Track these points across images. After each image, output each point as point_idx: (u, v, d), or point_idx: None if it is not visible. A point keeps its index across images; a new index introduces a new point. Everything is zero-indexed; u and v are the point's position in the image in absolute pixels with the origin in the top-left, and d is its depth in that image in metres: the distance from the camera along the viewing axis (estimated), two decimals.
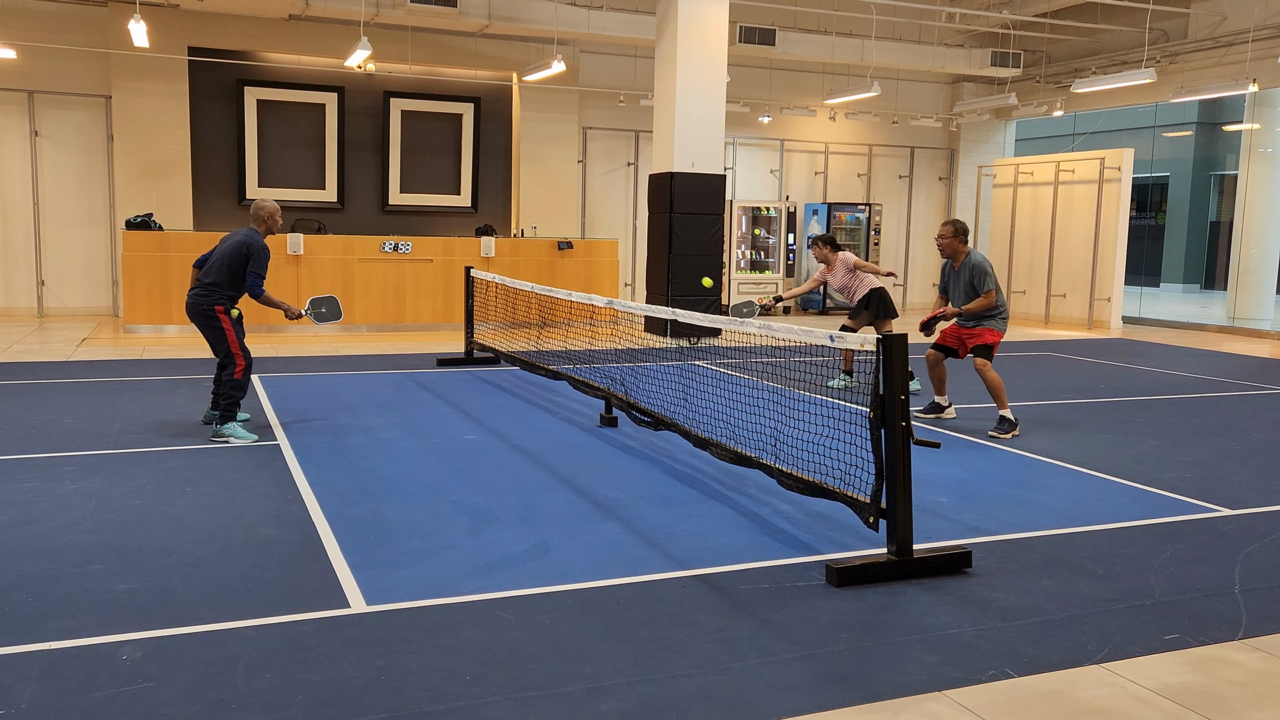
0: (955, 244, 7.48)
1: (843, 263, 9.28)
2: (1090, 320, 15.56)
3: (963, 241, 7.49)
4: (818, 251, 9.39)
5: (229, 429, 6.53)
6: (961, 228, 7.50)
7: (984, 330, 7.42)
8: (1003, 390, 7.33)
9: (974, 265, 7.37)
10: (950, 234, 7.47)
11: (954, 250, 7.50)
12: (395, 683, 3.17)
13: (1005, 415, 7.27)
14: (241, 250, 6.61)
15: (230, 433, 6.51)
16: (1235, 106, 21.98)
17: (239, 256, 6.60)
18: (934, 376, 7.77)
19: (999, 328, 7.44)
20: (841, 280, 9.33)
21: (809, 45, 15.63)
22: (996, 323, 7.44)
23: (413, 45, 14.71)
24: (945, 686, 3.24)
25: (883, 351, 4.13)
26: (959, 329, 7.56)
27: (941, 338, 7.68)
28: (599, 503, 5.26)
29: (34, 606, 3.71)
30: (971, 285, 7.38)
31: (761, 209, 17.03)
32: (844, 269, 9.28)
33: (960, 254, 7.50)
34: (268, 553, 4.36)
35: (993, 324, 7.42)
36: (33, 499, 5.10)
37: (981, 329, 7.43)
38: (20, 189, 13.74)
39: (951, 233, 7.46)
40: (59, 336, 11.76)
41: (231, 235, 6.72)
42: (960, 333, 7.54)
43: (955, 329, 7.59)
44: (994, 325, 7.42)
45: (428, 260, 13.27)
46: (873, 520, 4.29)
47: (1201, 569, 4.40)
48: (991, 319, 7.42)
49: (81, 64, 13.70)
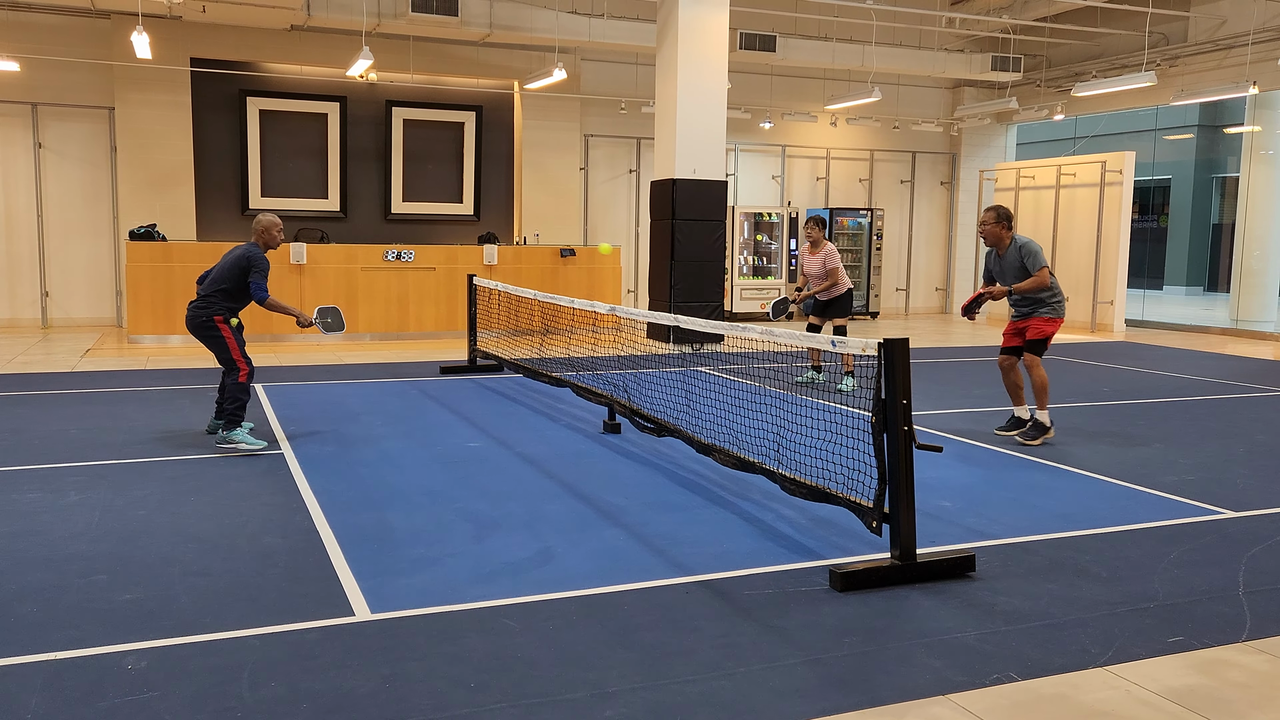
0: (998, 230, 7.10)
1: (829, 252, 9.39)
2: (1093, 323, 15.55)
3: (1006, 227, 7.11)
4: (812, 231, 9.42)
5: (236, 435, 6.55)
6: (1004, 213, 7.12)
7: (1036, 320, 7.09)
8: (1046, 391, 7.07)
9: (1022, 245, 7.03)
10: (993, 219, 7.11)
11: (998, 236, 7.13)
12: (399, 690, 3.17)
13: (1041, 420, 7.05)
14: (241, 263, 6.64)
15: (238, 439, 6.53)
16: (1236, 109, 21.97)
17: (238, 269, 6.64)
18: (1007, 384, 7.37)
19: (1052, 314, 7.08)
20: (818, 268, 9.42)
21: (809, 51, 15.66)
22: (1048, 309, 7.07)
23: (414, 54, 14.76)
24: (949, 690, 3.23)
25: (885, 355, 4.14)
26: (1014, 324, 7.24)
27: (1006, 339, 7.35)
28: (602, 509, 5.27)
29: (39, 617, 3.72)
30: (1022, 266, 7.00)
31: (763, 215, 17.05)
32: (827, 258, 9.38)
33: (1005, 239, 7.13)
34: (272, 561, 4.37)
35: (1045, 311, 7.07)
36: (37, 509, 5.11)
37: (1034, 319, 7.09)
38: (24, 200, 13.79)
39: (994, 218, 7.11)
40: (63, 347, 11.79)
41: (233, 250, 6.77)
42: (1016, 326, 7.23)
43: (1012, 325, 7.27)
44: (1046, 312, 7.07)
45: (430, 269, 13.30)
46: (876, 525, 4.29)
47: (1205, 571, 4.40)
48: (1043, 304, 7.06)
49: (85, 76, 13.76)
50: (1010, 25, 16.45)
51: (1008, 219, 7.16)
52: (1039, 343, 7.13)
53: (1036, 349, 7.13)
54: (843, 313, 9.53)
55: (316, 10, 13.01)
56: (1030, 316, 7.15)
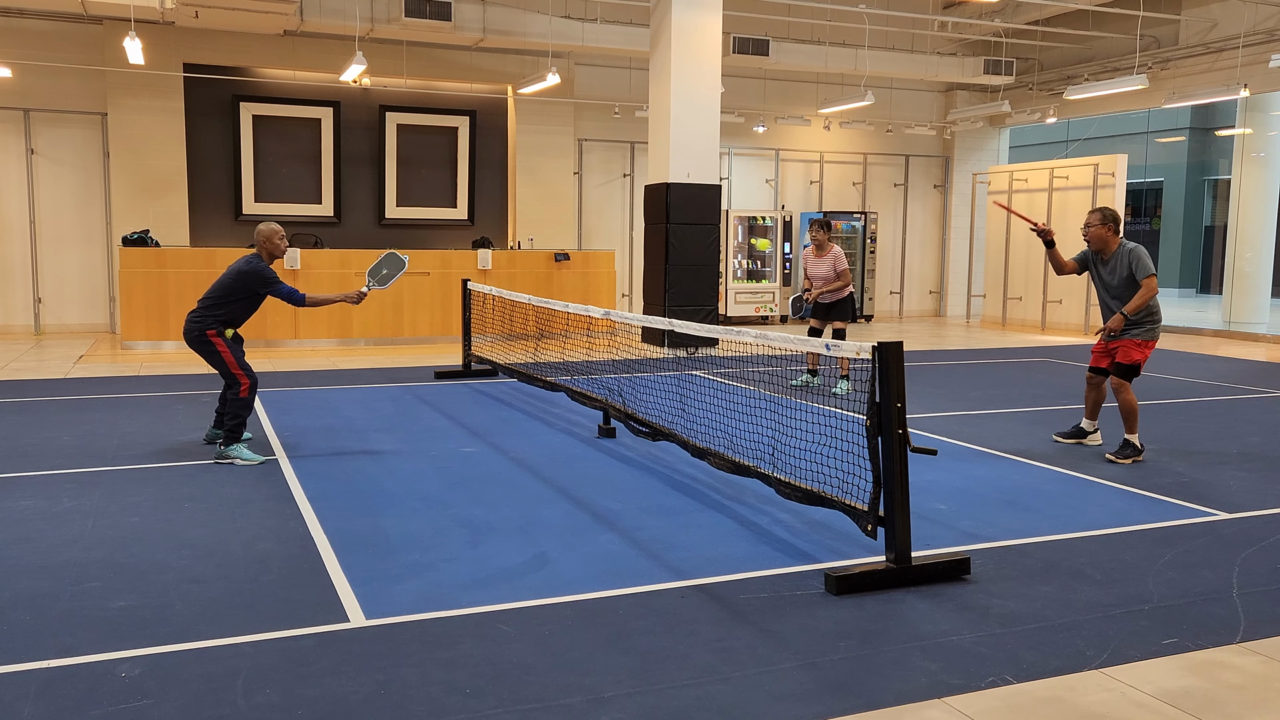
0: (1104, 232, 6.66)
1: (838, 254, 9.38)
2: (1087, 325, 15.58)
3: (1113, 231, 6.64)
4: (818, 234, 9.38)
5: (234, 450, 6.38)
6: (1110, 214, 6.64)
7: (1128, 343, 6.65)
8: (1135, 416, 6.65)
9: (1132, 250, 6.56)
10: (1098, 221, 6.65)
11: (1104, 241, 6.67)
12: (394, 697, 3.17)
13: (1130, 440, 6.65)
14: (243, 279, 6.47)
15: (235, 454, 6.37)
16: (1228, 111, 22.06)
17: (238, 283, 6.47)
18: (1089, 399, 7.12)
19: (1147, 337, 6.63)
20: (827, 269, 9.39)
21: (803, 55, 15.69)
22: (1145, 331, 6.63)
23: (408, 59, 14.76)
24: (945, 694, 3.23)
25: (879, 359, 4.14)
26: (1105, 343, 6.82)
27: (1095, 359, 7.00)
28: (598, 514, 5.26)
29: (32, 625, 3.71)
30: (1131, 275, 6.57)
31: (757, 218, 17.07)
32: (837, 260, 9.37)
33: (1112, 244, 6.68)
34: (266, 568, 4.36)
35: (1139, 334, 6.62)
36: (30, 517, 5.09)
37: (1126, 340, 6.65)
38: (17, 207, 13.75)
39: (1100, 220, 6.65)
40: (56, 354, 11.76)
41: (235, 263, 6.57)
42: (1107, 346, 6.83)
43: (1101, 344, 6.87)
44: (1141, 335, 6.63)
45: (425, 273, 13.29)
46: (871, 528, 4.30)
47: (1200, 573, 4.41)
48: (1139, 327, 6.63)
49: (77, 82, 13.73)
50: (1002, 29, 16.50)
51: (1115, 221, 6.66)
52: (1130, 368, 6.68)
53: (1126, 374, 6.68)
54: (844, 316, 9.53)
55: (309, 15, 13.01)
56: (1121, 338, 6.69)
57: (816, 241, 9.44)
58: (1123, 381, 6.68)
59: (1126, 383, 6.68)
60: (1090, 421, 7.17)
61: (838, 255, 9.38)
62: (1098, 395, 7.08)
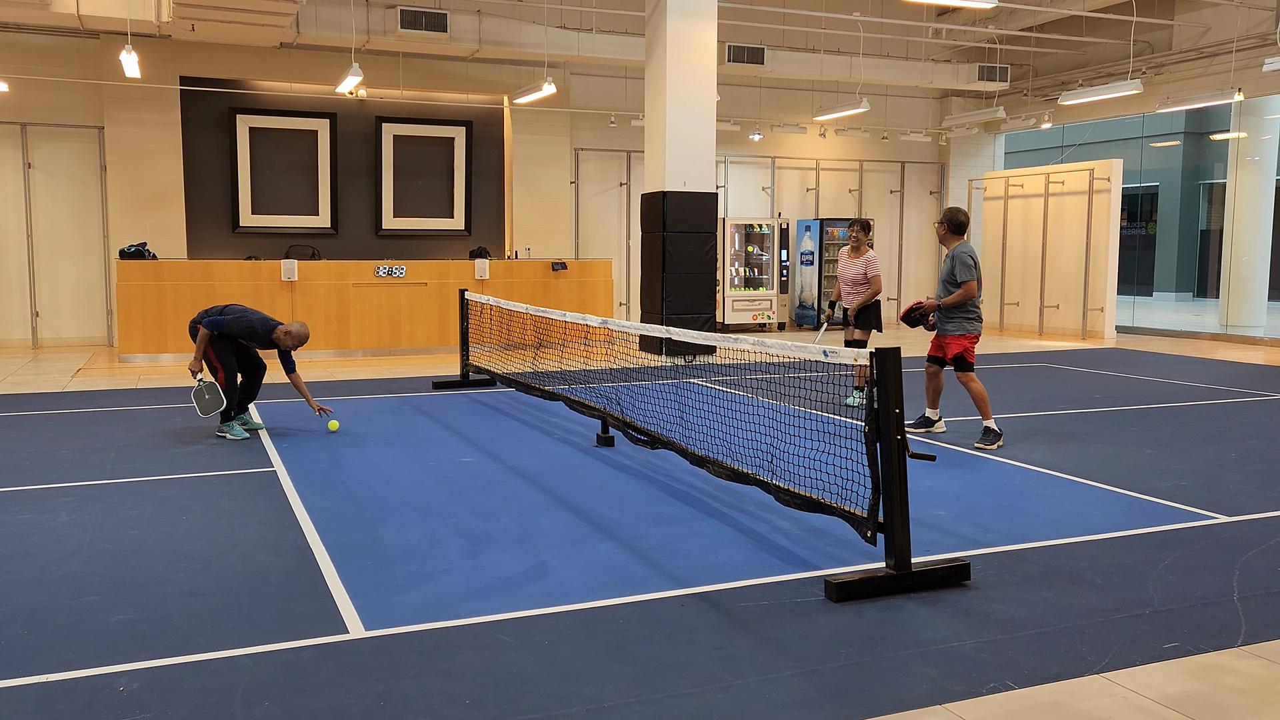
0: (941, 230, 7.50)
1: (870, 259, 9.10)
2: (1084, 330, 15.60)
3: (951, 231, 7.43)
4: (856, 234, 9.11)
5: (225, 425, 7.47)
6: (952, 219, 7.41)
7: (951, 339, 7.32)
8: (986, 401, 7.29)
9: (954, 255, 7.32)
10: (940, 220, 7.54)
11: (940, 237, 7.55)
12: (394, 708, 3.16)
13: (989, 426, 7.24)
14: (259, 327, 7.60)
15: (226, 429, 7.44)
16: (1222, 116, 22.11)
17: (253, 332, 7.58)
18: (929, 389, 7.71)
19: (966, 330, 7.30)
20: (855, 274, 9.11)
21: (798, 63, 15.74)
22: (961, 324, 7.29)
23: (404, 70, 14.79)
24: (946, 700, 3.23)
25: (877, 366, 4.14)
26: (936, 336, 7.49)
27: (931, 348, 7.62)
28: (597, 523, 5.26)
29: (30, 639, 3.70)
30: (952, 275, 7.31)
31: (754, 226, 17.09)
32: (869, 266, 9.07)
33: (950, 243, 7.46)
34: (265, 580, 4.34)
35: (956, 327, 7.29)
36: (28, 531, 5.08)
37: (949, 336, 7.33)
38: (14, 221, 13.75)
39: (941, 218, 7.52)
40: (54, 367, 11.75)
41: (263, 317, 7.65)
42: (938, 339, 7.49)
43: (935, 338, 7.51)
44: (957, 329, 7.29)
45: (422, 284, 13.29)
46: (870, 534, 4.29)
47: (1200, 577, 4.40)
48: (955, 320, 7.30)
49: (74, 95, 13.74)
50: (996, 35, 16.56)
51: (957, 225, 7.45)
52: (960, 359, 7.34)
53: (962, 365, 7.34)
54: (865, 325, 9.18)
55: (306, 28, 13.04)
56: (945, 335, 7.39)
57: (854, 242, 9.15)
58: (965, 374, 7.32)
59: (968, 373, 7.32)
60: (934, 411, 7.75)
61: (870, 260, 9.06)
62: (937, 384, 7.66)
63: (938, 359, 7.56)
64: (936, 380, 7.67)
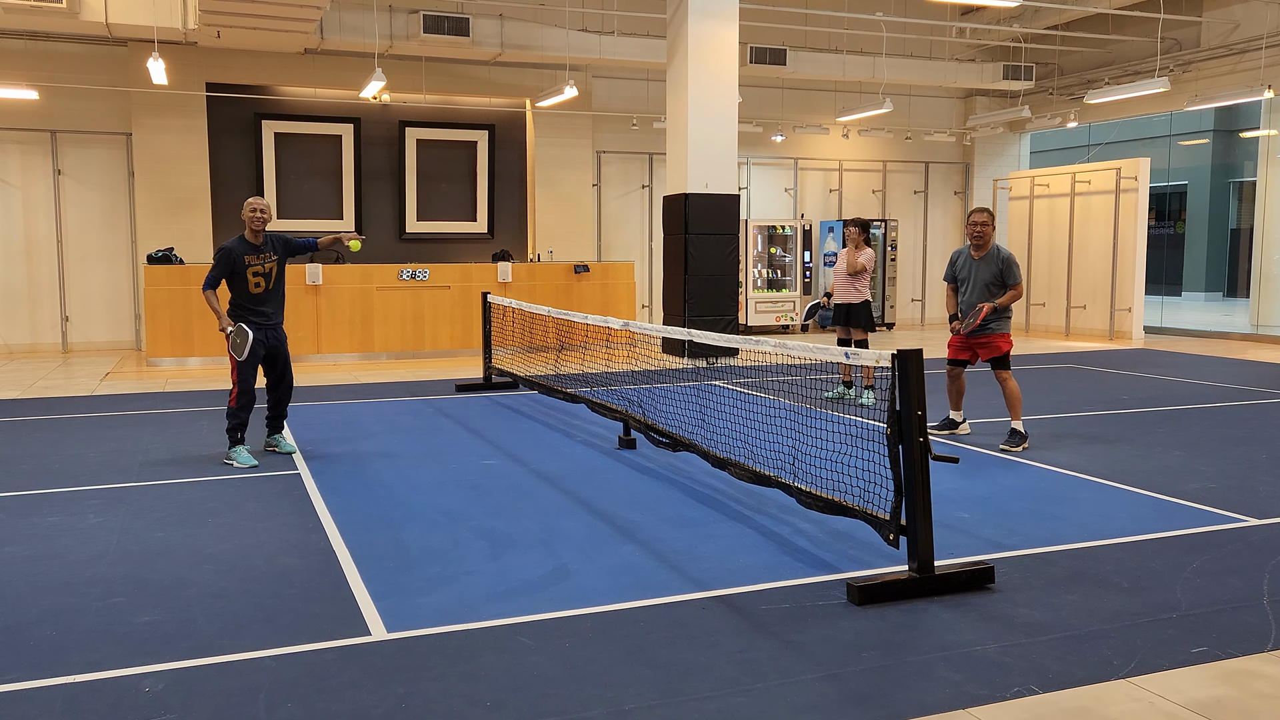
0: (989, 231, 7.32)
1: (868, 255, 9.14)
2: (1111, 331, 15.44)
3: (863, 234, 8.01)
4: (854, 234, 9.19)
5: (232, 452, 6.78)
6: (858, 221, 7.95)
7: (994, 337, 7.29)
8: (1020, 402, 7.27)
9: (1005, 257, 7.25)
10: (988, 220, 7.33)
11: (987, 238, 7.32)
12: (415, 710, 3.17)
13: (1016, 428, 7.20)
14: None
15: (233, 456, 6.75)
16: (1252, 113, 21.81)
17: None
18: (952, 391, 7.65)
19: (1008, 329, 7.33)
20: (850, 268, 9.15)
21: (820, 64, 15.68)
22: (1005, 323, 7.30)
23: (426, 75, 14.87)
24: (969, 704, 3.20)
25: (899, 367, 4.12)
26: (966, 338, 7.38)
27: (953, 351, 7.56)
28: (618, 525, 5.26)
29: (57, 640, 3.74)
30: (1001, 277, 7.23)
31: (777, 228, 17.04)
32: (866, 260, 9.12)
33: (990, 242, 7.38)
34: (288, 582, 4.38)
35: (1001, 326, 7.28)
36: (57, 533, 5.15)
37: (990, 336, 7.29)
38: (44, 227, 13.94)
39: (989, 219, 7.34)
40: (83, 371, 11.89)
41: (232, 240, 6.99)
42: (969, 341, 7.39)
43: (960, 338, 7.42)
44: (1003, 328, 7.29)
45: (445, 287, 13.35)
46: (893, 537, 4.26)
47: (1229, 580, 4.34)
48: (999, 321, 7.29)
49: (102, 103, 13.91)
50: (1021, 34, 16.43)
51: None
52: (1004, 358, 7.34)
53: (1003, 364, 7.33)
54: (859, 325, 9.29)
55: (329, 33, 13.14)
56: (984, 334, 7.33)
57: (854, 242, 9.18)
58: (1005, 372, 7.29)
59: (1007, 372, 7.29)
60: (957, 413, 7.68)
61: (867, 255, 9.11)
62: (959, 386, 7.62)
63: (961, 361, 7.51)
64: (959, 382, 7.63)
